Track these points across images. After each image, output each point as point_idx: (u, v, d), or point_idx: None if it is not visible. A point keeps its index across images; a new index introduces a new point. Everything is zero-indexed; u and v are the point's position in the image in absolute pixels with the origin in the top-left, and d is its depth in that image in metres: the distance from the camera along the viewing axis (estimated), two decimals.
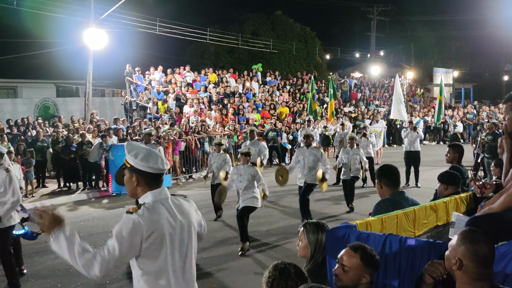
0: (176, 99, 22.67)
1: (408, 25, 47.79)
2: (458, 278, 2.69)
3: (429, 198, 5.73)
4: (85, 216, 12.39)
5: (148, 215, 3.13)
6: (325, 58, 43.64)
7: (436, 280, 2.88)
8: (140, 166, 3.24)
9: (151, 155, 3.28)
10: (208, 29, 32.73)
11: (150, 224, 3.11)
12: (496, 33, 43.78)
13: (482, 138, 14.65)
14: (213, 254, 8.94)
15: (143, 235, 3.09)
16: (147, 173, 3.25)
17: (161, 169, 3.29)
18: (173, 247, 3.23)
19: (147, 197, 3.27)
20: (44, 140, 16.31)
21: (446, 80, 45.61)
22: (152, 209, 3.18)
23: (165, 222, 3.19)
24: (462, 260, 2.64)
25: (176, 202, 3.37)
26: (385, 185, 4.64)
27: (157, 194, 3.28)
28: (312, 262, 3.88)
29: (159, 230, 3.15)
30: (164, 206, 3.26)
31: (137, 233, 3.07)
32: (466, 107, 33.66)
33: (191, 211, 3.46)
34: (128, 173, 3.31)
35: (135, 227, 3.08)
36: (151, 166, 3.24)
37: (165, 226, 3.19)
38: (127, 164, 3.30)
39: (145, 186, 3.29)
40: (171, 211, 3.27)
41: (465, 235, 2.70)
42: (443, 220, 4.57)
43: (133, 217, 3.10)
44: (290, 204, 13.05)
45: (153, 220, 3.13)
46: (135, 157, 3.25)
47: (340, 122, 20.60)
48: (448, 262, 2.72)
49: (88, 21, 21.07)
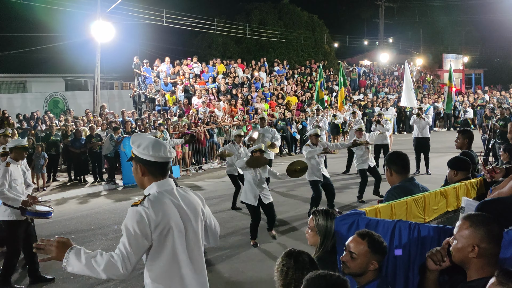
0: (185, 91, 22.67)
1: (417, 11, 47.39)
2: (474, 265, 2.68)
3: (440, 184, 5.70)
4: (96, 209, 12.45)
5: (153, 206, 3.13)
6: (334, 46, 43.41)
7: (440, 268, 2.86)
8: (143, 155, 3.25)
9: (154, 144, 3.28)
10: (215, 19, 32.67)
11: (155, 215, 3.10)
12: (506, 17, 43.25)
13: (493, 123, 14.56)
14: (223, 244, 8.95)
15: (151, 225, 3.09)
16: (151, 162, 3.26)
17: (163, 157, 3.28)
18: (181, 237, 3.22)
19: (152, 188, 3.27)
20: (57, 134, 16.38)
21: (456, 65, 45.24)
22: (156, 200, 3.18)
23: (171, 213, 3.19)
24: (480, 244, 2.63)
25: (181, 193, 3.37)
26: (395, 172, 4.60)
27: (162, 185, 3.28)
28: (322, 250, 3.87)
29: (165, 221, 3.14)
30: (169, 196, 3.25)
31: (145, 224, 3.07)
32: (477, 92, 33.42)
33: (198, 201, 3.45)
34: (134, 164, 3.34)
35: (141, 218, 3.08)
36: (153, 154, 3.24)
37: (171, 216, 3.18)
38: (133, 155, 3.33)
39: (150, 176, 3.29)
40: (176, 201, 3.26)
41: (474, 220, 2.68)
42: (454, 206, 4.54)
43: (138, 209, 3.10)
44: (301, 194, 13.04)
45: (158, 210, 3.13)
46: (138, 146, 3.27)
47: (351, 110, 20.49)
48: (462, 252, 2.68)
49: (95, 14, 21.07)
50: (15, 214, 7.20)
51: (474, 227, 2.66)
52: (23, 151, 7.58)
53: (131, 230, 3.06)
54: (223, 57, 31.15)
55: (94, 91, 21.77)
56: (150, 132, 13.42)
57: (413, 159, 14.88)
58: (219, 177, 16.36)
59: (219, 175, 16.83)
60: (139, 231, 3.05)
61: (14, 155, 7.42)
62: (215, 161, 18.79)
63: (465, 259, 2.69)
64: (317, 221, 3.96)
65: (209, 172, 17.54)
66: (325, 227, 3.91)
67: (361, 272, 3.08)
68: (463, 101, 29.47)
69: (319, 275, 2.63)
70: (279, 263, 3.36)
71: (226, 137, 19.44)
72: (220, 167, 18.36)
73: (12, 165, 7.29)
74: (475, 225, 2.67)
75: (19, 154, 7.46)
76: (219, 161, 18.76)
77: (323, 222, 3.92)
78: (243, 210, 11.31)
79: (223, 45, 36.79)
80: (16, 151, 7.42)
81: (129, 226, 3.08)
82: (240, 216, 10.97)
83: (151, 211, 3.10)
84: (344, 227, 3.49)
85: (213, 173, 17.39)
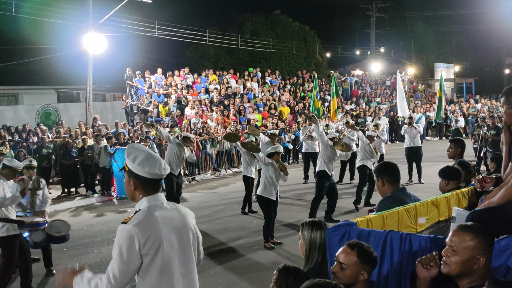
0: (177, 102, 22.68)
1: (408, 21, 47.76)
2: (474, 276, 2.69)
3: (432, 194, 5.70)
4: (89, 221, 12.39)
5: (142, 221, 3.12)
6: (325, 57, 43.66)
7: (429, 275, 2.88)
8: (137, 170, 3.23)
9: (149, 160, 3.26)
10: (207, 30, 32.76)
11: (144, 231, 3.09)
12: (496, 27, 43.71)
13: (485, 132, 14.64)
14: (217, 255, 8.93)
15: (140, 242, 3.07)
16: (144, 178, 3.24)
17: (158, 174, 3.26)
18: (171, 252, 3.20)
19: (142, 203, 3.26)
20: (48, 146, 16.31)
21: (448, 75, 45.56)
22: (146, 215, 3.17)
23: (161, 228, 3.17)
24: (484, 255, 2.66)
25: (172, 207, 3.36)
26: (387, 182, 4.61)
27: (152, 200, 3.27)
28: (309, 261, 3.88)
29: (154, 236, 3.12)
30: (159, 211, 3.23)
31: (134, 241, 3.06)
32: (469, 101, 33.63)
33: (188, 216, 3.43)
34: (127, 176, 3.32)
35: (131, 235, 3.07)
36: (147, 171, 3.22)
37: (161, 232, 3.16)
38: (126, 167, 3.31)
39: (142, 190, 3.28)
40: (166, 216, 3.24)
41: (476, 231, 2.71)
42: (445, 216, 4.55)
43: (127, 227, 3.09)
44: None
45: (147, 226, 3.12)
46: (133, 161, 3.24)
47: (344, 120, 20.53)
48: (466, 264, 2.68)
49: (87, 25, 21.08)
50: (12, 229, 7.20)
51: (479, 238, 2.67)
52: (15, 174, 7.60)
53: (121, 252, 3.06)
54: (216, 68, 31.24)
55: (86, 103, 21.72)
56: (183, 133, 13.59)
57: (405, 168, 14.93)
58: (212, 188, 16.35)
59: (212, 186, 16.82)
60: (128, 252, 3.06)
61: (6, 172, 7.43)
62: (208, 172, 18.77)
63: (468, 271, 2.69)
64: (303, 232, 3.99)
65: (202, 183, 17.51)
66: (309, 239, 3.94)
67: (351, 283, 3.08)
68: (454, 110, 29.63)
69: (316, 283, 2.63)
70: (276, 279, 3.35)
71: (219, 148, 19.44)
72: (213, 178, 18.35)
73: (1, 181, 7.32)
74: (479, 237, 2.68)
75: (10, 174, 7.48)
76: (212, 171, 18.77)
77: (308, 234, 3.96)
78: (238, 221, 11.33)
79: (216, 56, 36.91)
80: (9, 171, 7.44)
81: (119, 248, 3.08)
82: (233, 228, 10.94)
83: (141, 228, 3.09)
84: (336, 238, 3.49)
85: (206, 184, 17.36)
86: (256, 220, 11.41)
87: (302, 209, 12.06)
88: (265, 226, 9.27)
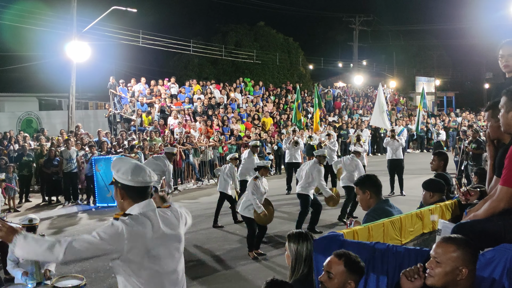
0: (161, 111, 22.60)
1: (390, 34, 48.34)
2: (458, 286, 2.72)
3: (415, 206, 5.76)
4: (70, 230, 12.25)
5: (132, 225, 3.10)
6: (309, 68, 43.90)
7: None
8: (122, 179, 3.25)
9: (134, 169, 3.27)
10: (192, 40, 32.78)
11: (132, 235, 3.07)
12: (476, 42, 44.44)
13: (466, 145, 14.80)
14: (200, 267, 8.89)
15: (127, 242, 3.05)
16: (130, 187, 3.25)
17: (144, 181, 3.27)
18: (160, 260, 3.20)
19: (133, 209, 3.25)
20: (29, 154, 16.16)
21: (429, 88, 46.10)
22: (136, 220, 3.16)
23: (150, 234, 3.16)
24: (468, 266, 2.69)
25: (162, 214, 3.35)
26: (373, 193, 4.67)
27: (143, 206, 3.27)
28: (295, 272, 3.89)
29: (142, 242, 3.11)
30: (149, 218, 3.22)
31: (120, 236, 3.04)
32: (450, 115, 34.04)
33: (179, 223, 3.43)
34: (115, 188, 3.33)
35: (118, 230, 3.05)
36: (131, 179, 3.23)
37: (150, 238, 3.15)
38: (113, 180, 3.33)
39: (130, 200, 3.28)
40: (156, 223, 3.24)
41: (459, 243, 2.74)
42: (429, 228, 4.59)
43: (117, 222, 3.09)
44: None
45: (136, 231, 3.10)
46: (117, 171, 3.27)
47: (326, 132, 20.66)
48: (450, 276, 2.71)
49: (71, 33, 20.98)
50: None
51: (462, 250, 2.71)
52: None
53: (103, 232, 3.03)
54: (199, 78, 31.21)
55: (68, 111, 21.57)
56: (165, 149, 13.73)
57: (387, 180, 15.04)
58: (194, 198, 16.30)
59: (194, 195, 16.77)
60: (109, 237, 3.01)
61: None
62: (190, 182, 18.71)
63: (452, 283, 2.72)
64: (289, 243, 4.00)
65: (185, 193, 17.44)
66: (296, 250, 3.95)
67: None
68: (436, 123, 29.95)
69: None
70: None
71: (202, 158, 19.40)
72: (195, 188, 18.29)
73: None
74: (462, 248, 2.71)
75: None
76: (195, 181, 18.73)
77: (295, 245, 3.97)
78: (220, 231, 11.31)
79: (199, 66, 36.92)
80: None
81: (102, 229, 3.06)
82: (216, 238, 10.91)
83: (129, 229, 3.07)
84: (323, 249, 3.51)
85: (189, 193, 17.30)
86: (239, 231, 11.39)
87: (285, 221, 12.06)
88: (248, 236, 9.30)
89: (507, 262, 2.87)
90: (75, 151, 15.87)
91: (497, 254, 2.93)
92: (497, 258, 2.91)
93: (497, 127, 3.42)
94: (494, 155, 3.67)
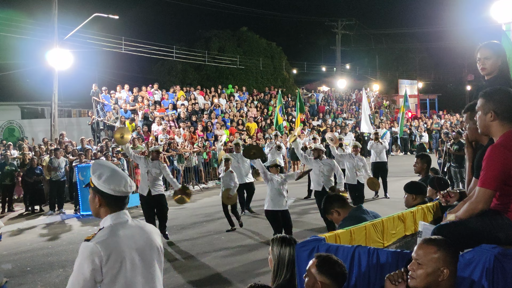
0: (144, 118, 22.51)
1: (372, 38, 48.71)
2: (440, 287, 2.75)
3: (399, 208, 5.79)
4: (53, 239, 12.13)
5: (105, 239, 3.07)
6: (292, 73, 44.06)
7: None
8: (102, 187, 3.19)
9: (115, 177, 3.22)
10: (174, 46, 32.76)
11: (106, 248, 3.04)
12: (458, 44, 44.89)
13: (448, 147, 14.93)
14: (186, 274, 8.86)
15: (102, 259, 3.02)
16: (109, 195, 3.20)
17: (123, 191, 3.23)
18: (135, 271, 3.15)
19: (106, 221, 3.21)
20: (12, 163, 15.99)
21: (411, 91, 46.46)
22: (109, 233, 3.12)
23: (124, 245, 3.12)
24: (449, 267, 2.73)
25: (136, 225, 3.32)
26: (340, 207, 4.85)
27: (116, 218, 3.21)
28: (278, 277, 3.88)
29: (117, 253, 3.07)
30: (123, 229, 3.19)
31: (96, 258, 3.01)
32: (432, 117, 34.32)
33: (153, 233, 3.40)
34: (92, 193, 3.26)
35: (93, 252, 3.01)
36: (113, 188, 3.18)
37: (124, 249, 3.11)
38: (91, 184, 3.25)
39: (107, 207, 3.23)
40: (129, 234, 3.20)
41: (440, 244, 2.78)
42: (411, 230, 4.63)
43: (90, 244, 3.04)
44: None
45: (110, 243, 3.07)
46: (98, 178, 3.20)
47: (311, 136, 20.74)
48: (431, 276, 2.74)
49: (52, 41, 20.84)
50: None
51: (442, 250, 2.74)
52: None
53: (81, 269, 3.01)
54: (183, 84, 31.16)
55: (51, 119, 21.39)
56: (150, 148, 13.48)
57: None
58: (179, 204, 16.18)
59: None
60: (88, 271, 2.99)
61: None
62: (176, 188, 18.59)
63: (433, 283, 2.75)
64: (272, 247, 4.00)
65: (169, 200, 17.31)
66: (278, 255, 3.94)
67: None
68: (418, 125, 30.19)
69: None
70: None
71: (187, 164, 19.34)
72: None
73: None
74: (443, 249, 2.75)
75: None
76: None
77: (278, 250, 3.96)
78: (206, 237, 11.29)
79: (183, 72, 36.87)
80: None
81: (79, 264, 3.03)
82: (201, 244, 10.88)
83: (103, 244, 3.04)
84: (305, 254, 3.51)
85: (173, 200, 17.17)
86: (224, 237, 11.38)
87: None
88: None
89: (486, 263, 2.90)
90: (64, 160, 15.76)
91: (477, 255, 2.96)
92: (476, 259, 2.94)
93: (475, 129, 3.46)
94: (472, 156, 3.71)
